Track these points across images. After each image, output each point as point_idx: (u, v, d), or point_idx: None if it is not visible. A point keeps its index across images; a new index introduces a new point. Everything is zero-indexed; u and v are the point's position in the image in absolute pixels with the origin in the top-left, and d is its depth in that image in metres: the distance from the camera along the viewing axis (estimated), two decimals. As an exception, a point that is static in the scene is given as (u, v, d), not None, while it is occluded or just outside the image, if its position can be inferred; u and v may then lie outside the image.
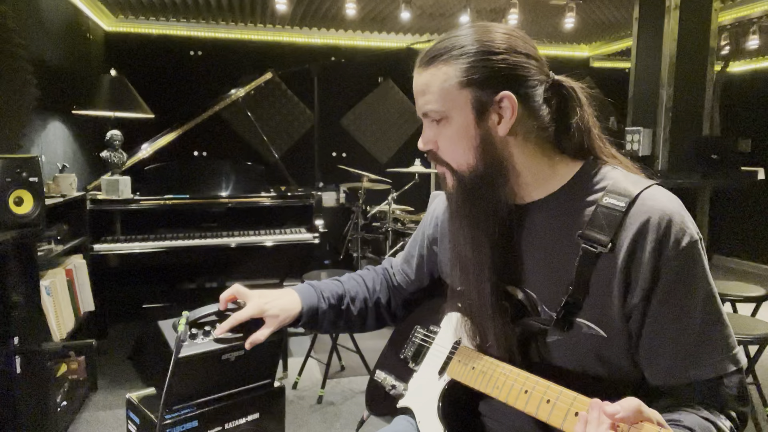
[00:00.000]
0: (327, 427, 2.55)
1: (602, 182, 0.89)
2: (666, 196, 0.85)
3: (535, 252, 0.92)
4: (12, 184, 1.83)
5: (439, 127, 0.92)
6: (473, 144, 0.89)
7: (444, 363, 1.04)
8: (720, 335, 0.82)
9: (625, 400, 0.67)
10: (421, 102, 0.92)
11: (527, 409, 0.82)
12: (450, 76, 0.88)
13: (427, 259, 1.19)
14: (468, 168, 0.90)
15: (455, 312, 1.08)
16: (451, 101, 0.88)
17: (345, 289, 1.20)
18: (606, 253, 0.83)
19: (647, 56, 3.70)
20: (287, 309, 1.09)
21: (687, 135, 3.57)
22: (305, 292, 1.14)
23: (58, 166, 3.06)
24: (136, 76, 3.72)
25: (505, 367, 0.90)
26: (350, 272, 1.28)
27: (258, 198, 3.37)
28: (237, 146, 4.92)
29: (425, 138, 0.96)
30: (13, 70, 2.60)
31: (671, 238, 0.81)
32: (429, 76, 0.90)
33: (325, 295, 1.15)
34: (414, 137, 5.50)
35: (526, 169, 0.91)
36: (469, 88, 0.87)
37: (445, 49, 0.89)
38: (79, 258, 2.74)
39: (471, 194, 0.91)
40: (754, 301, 2.62)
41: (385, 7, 4.34)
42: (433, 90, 0.89)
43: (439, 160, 0.95)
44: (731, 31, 4.57)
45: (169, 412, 1.03)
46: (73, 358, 2.70)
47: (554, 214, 0.91)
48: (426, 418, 1.01)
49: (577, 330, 0.86)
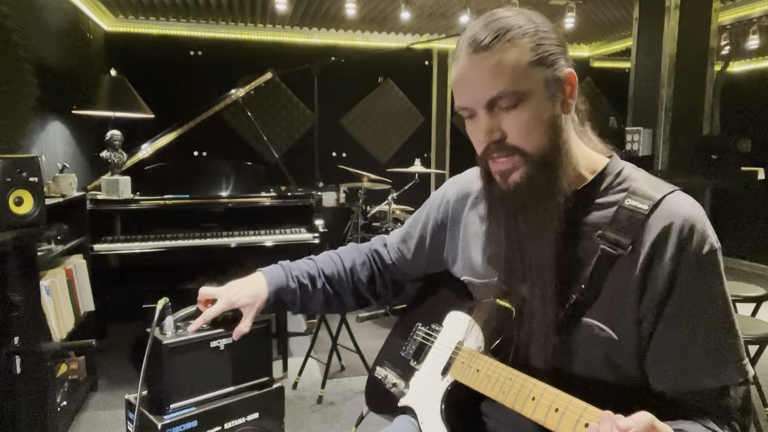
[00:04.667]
0: (327, 427, 2.55)
1: (625, 182, 0.88)
2: (689, 203, 0.84)
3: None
4: (12, 184, 1.83)
5: (510, 112, 0.83)
6: (547, 125, 0.84)
7: (447, 363, 1.03)
8: (731, 345, 0.81)
9: (638, 415, 0.65)
10: (486, 88, 0.83)
11: (534, 416, 0.80)
12: (522, 54, 0.82)
13: (429, 242, 1.18)
14: (543, 152, 0.84)
15: (459, 311, 1.07)
16: (528, 81, 0.82)
17: (318, 268, 1.19)
18: (625, 256, 0.82)
19: (647, 56, 3.70)
20: (256, 295, 1.11)
21: (687, 135, 3.56)
22: (273, 273, 1.15)
23: (58, 166, 3.06)
24: (136, 76, 3.72)
25: (511, 372, 0.88)
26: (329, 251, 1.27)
27: (258, 198, 3.37)
28: (237, 146, 4.92)
29: (489, 127, 0.85)
30: (13, 70, 2.60)
31: (692, 245, 0.80)
32: (497, 57, 0.82)
33: (294, 274, 1.16)
34: (414, 137, 5.51)
35: (573, 155, 0.88)
36: (540, 67, 0.83)
37: (503, 29, 0.83)
38: (79, 258, 2.74)
39: (542, 184, 0.84)
40: (754, 301, 2.62)
41: (385, 7, 4.34)
42: (507, 72, 0.81)
43: (508, 148, 0.85)
44: (731, 31, 4.57)
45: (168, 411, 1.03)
46: (73, 358, 2.70)
47: (576, 209, 0.88)
48: (428, 419, 1.01)
49: (588, 331, 0.85)
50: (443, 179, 5.62)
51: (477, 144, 0.89)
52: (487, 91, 0.83)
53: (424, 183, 5.45)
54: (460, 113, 0.89)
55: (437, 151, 5.60)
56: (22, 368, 1.86)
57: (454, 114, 5.60)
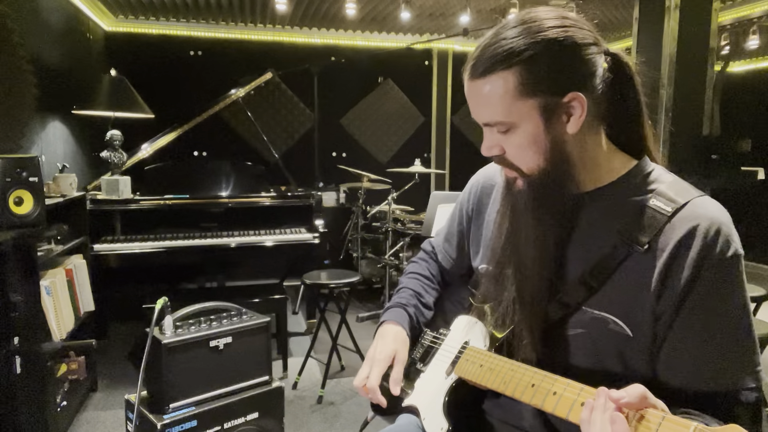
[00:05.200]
0: (327, 427, 2.55)
1: (653, 184, 0.88)
2: (716, 207, 0.84)
3: (569, 241, 0.91)
4: (12, 184, 1.84)
5: (505, 136, 0.87)
6: (544, 148, 0.85)
7: (452, 362, 1.04)
8: (746, 350, 0.81)
9: (631, 387, 0.68)
10: (481, 113, 0.87)
11: (533, 401, 0.82)
12: (512, 85, 0.82)
13: (466, 234, 1.18)
14: (539, 171, 0.87)
15: (465, 315, 1.09)
16: (517, 112, 0.83)
17: (424, 299, 1.21)
18: (641, 253, 0.83)
19: (647, 56, 3.70)
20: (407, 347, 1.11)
21: (687, 135, 3.56)
22: (403, 319, 1.14)
23: (58, 166, 3.06)
24: (136, 76, 3.72)
25: (513, 364, 0.90)
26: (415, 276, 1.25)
27: (258, 198, 3.37)
28: (237, 146, 4.92)
29: (489, 144, 0.89)
30: (13, 70, 2.61)
31: (717, 247, 0.80)
32: (487, 86, 0.83)
33: (411, 312, 1.17)
34: (414, 137, 5.51)
35: (588, 160, 0.89)
36: (534, 95, 0.82)
37: (500, 53, 0.82)
38: (79, 258, 2.74)
39: (542, 195, 0.88)
40: (754, 301, 2.62)
41: (385, 7, 4.34)
42: (494, 102, 0.83)
43: (507, 163, 0.90)
44: (731, 31, 4.57)
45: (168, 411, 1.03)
46: (73, 358, 2.70)
47: (598, 207, 0.89)
48: (430, 415, 1.01)
49: (603, 325, 0.85)
50: (443, 179, 5.62)
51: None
52: (481, 116, 0.88)
53: (424, 183, 5.45)
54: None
55: (437, 151, 5.60)
56: (22, 368, 1.86)
57: (455, 114, 5.62)
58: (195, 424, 1.05)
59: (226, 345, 1.09)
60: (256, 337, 1.14)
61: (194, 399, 1.06)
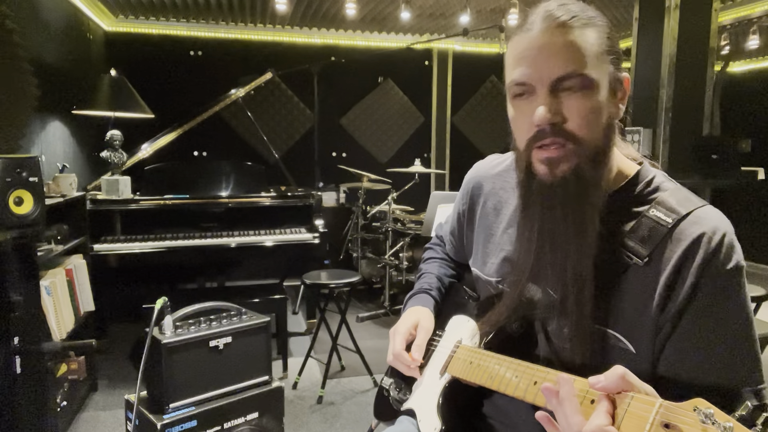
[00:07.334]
0: (327, 427, 2.55)
1: (654, 193, 0.85)
2: (719, 216, 0.82)
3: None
4: (12, 184, 1.83)
5: (576, 96, 0.78)
6: (605, 121, 0.80)
7: (445, 363, 1.04)
8: (746, 364, 0.78)
9: (610, 370, 0.66)
10: (559, 64, 0.78)
11: (517, 393, 0.82)
12: (599, 42, 0.79)
13: (465, 233, 1.17)
14: (596, 147, 0.80)
15: (460, 315, 1.09)
16: (599, 69, 0.79)
17: (437, 276, 1.23)
18: (641, 266, 0.80)
19: (647, 56, 3.70)
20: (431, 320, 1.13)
21: (687, 135, 3.56)
22: (426, 302, 1.16)
23: (58, 166, 3.06)
24: (136, 76, 3.72)
25: (500, 358, 0.90)
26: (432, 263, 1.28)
27: (258, 198, 3.37)
28: (237, 146, 4.92)
29: (552, 107, 0.78)
30: (13, 70, 2.60)
31: (720, 257, 0.78)
32: (575, 34, 0.78)
33: (434, 295, 1.19)
34: (414, 137, 5.51)
35: (612, 159, 0.86)
36: (609, 61, 0.80)
37: (583, 11, 0.79)
38: (79, 258, 2.74)
39: (591, 179, 0.80)
40: (754, 301, 2.62)
41: (385, 7, 4.34)
42: (583, 52, 0.78)
43: (564, 134, 0.79)
44: (731, 31, 4.57)
45: (168, 411, 1.03)
46: (73, 358, 2.70)
47: (604, 216, 0.84)
48: (425, 416, 1.02)
49: (605, 340, 0.83)
50: (443, 179, 5.62)
51: (524, 128, 0.83)
52: (558, 69, 0.78)
53: (424, 183, 5.45)
54: (512, 90, 0.83)
55: (437, 151, 5.60)
56: (22, 368, 1.86)
57: (455, 114, 5.62)
58: (195, 424, 1.05)
59: (225, 345, 1.10)
60: (256, 337, 1.14)
61: (194, 399, 1.06)
